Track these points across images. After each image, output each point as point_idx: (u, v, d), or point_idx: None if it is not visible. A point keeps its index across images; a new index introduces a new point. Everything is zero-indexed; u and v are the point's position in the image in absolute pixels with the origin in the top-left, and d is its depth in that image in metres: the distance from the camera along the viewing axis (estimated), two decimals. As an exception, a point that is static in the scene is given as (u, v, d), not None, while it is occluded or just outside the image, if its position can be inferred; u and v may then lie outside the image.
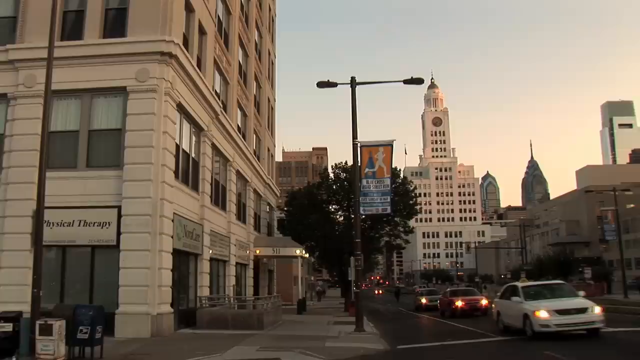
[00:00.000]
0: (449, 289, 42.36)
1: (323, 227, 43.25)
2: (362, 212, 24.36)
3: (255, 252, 38.08)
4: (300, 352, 15.77)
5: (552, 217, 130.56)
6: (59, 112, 20.59)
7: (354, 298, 31.85)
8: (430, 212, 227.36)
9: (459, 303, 32.99)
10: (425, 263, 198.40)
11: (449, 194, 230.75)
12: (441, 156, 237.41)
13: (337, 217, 47.74)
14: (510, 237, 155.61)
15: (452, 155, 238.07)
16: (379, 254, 64.87)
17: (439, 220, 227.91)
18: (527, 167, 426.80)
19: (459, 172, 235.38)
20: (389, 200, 24.02)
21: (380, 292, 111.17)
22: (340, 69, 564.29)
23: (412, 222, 53.45)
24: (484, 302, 33.48)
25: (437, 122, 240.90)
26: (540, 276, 70.28)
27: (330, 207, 47.73)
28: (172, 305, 20.81)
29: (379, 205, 23.90)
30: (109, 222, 19.84)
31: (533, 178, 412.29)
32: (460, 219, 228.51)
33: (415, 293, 40.52)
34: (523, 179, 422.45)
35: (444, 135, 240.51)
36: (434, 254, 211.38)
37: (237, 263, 32.56)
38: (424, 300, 38.80)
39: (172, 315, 20.74)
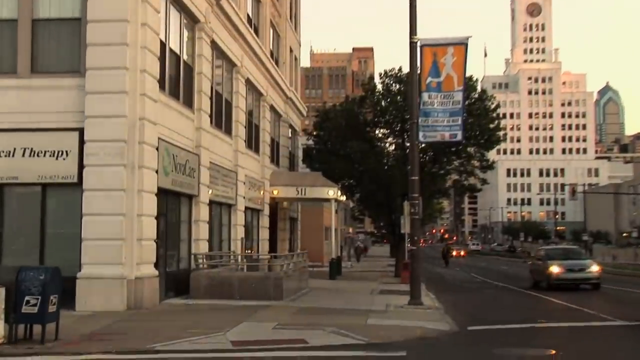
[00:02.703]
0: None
1: (366, 159, 42.85)
2: (421, 139, 23.97)
3: (273, 193, 38.21)
4: (333, 332, 15.80)
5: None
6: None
7: (408, 258, 31.89)
8: (518, 141, 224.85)
9: (556, 269, 32.74)
10: (509, 212, 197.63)
11: (548, 115, 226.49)
12: (538, 60, 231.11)
13: (387, 145, 47.26)
14: (638, 178, 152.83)
15: (553, 60, 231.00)
16: (443, 198, 64.63)
17: (531, 152, 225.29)
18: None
19: (564, 83, 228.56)
20: (459, 122, 23.53)
21: (462, 253, 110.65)
22: None
23: (491, 154, 52.76)
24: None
25: (533, 10, 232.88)
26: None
27: (377, 132, 47.19)
28: (156, 266, 20.98)
29: (445, 129, 23.45)
30: (66, 151, 19.82)
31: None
32: (563, 150, 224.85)
33: (536, 257, 38.32)
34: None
35: (542, 30, 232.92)
36: (522, 200, 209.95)
37: (247, 208, 32.72)
38: (556, 270, 34.69)
39: (157, 279, 20.95)
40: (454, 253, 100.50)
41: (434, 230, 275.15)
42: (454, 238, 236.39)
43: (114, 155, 19.52)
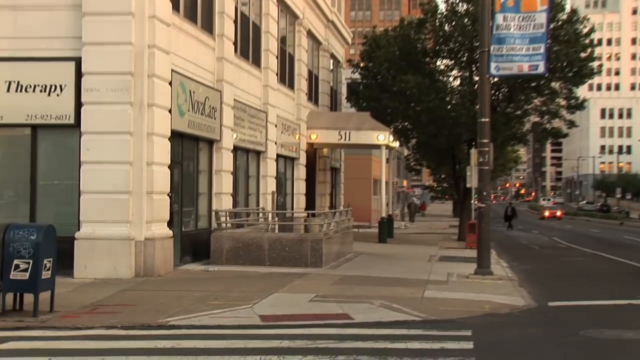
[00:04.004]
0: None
1: (425, 96, 42.52)
2: (493, 71, 23.72)
3: (310, 137, 38.30)
4: (382, 306, 15.93)
5: None
6: None
7: (475, 218, 31.80)
8: (617, 74, 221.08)
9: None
10: (602, 163, 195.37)
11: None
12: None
13: (450, 80, 46.85)
14: None
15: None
16: (520, 144, 63.93)
17: (633, 88, 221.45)
18: None
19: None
20: (542, 50, 23.20)
21: (558, 214, 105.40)
22: None
23: (582, 91, 51.98)
24: None
25: None
26: None
27: (439, 63, 46.76)
28: (169, 225, 21.29)
29: (524, 59, 23.16)
30: (60, 86, 20.02)
31: None
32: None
33: None
34: None
35: None
36: (620, 148, 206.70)
37: (279, 156, 32.90)
38: None
39: (171, 241, 21.26)
40: (547, 214, 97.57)
41: (507, 185, 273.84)
42: (532, 194, 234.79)
43: (118, 91, 19.66)
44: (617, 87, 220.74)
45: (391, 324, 13.98)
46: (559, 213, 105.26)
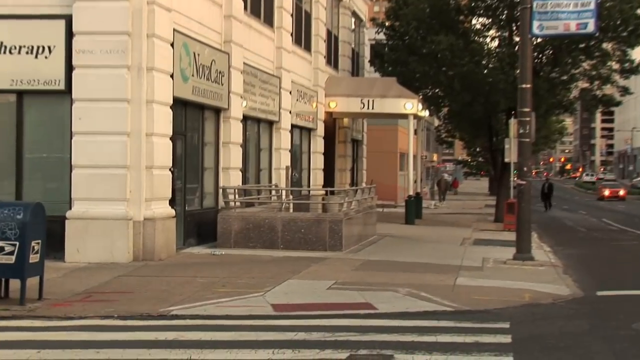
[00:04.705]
0: None
1: (459, 59, 42.32)
2: (536, 31, 23.60)
3: (329, 106, 38.28)
4: (409, 295, 15.99)
5: None
6: None
7: (514, 197, 31.68)
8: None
9: None
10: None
11: None
12: None
13: (487, 41, 46.63)
14: None
15: None
16: (566, 114, 63.57)
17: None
18: None
19: None
20: (592, 7, 23.05)
21: (621, 193, 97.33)
22: None
23: (637, 53, 51.50)
24: None
25: None
26: None
27: (475, 22, 46.56)
28: (172, 203, 21.37)
29: (571, 16, 23.02)
30: (49, 47, 20.02)
31: None
32: None
33: None
34: None
35: None
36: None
37: (294, 126, 32.95)
38: None
39: (173, 221, 21.36)
40: (606, 193, 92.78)
41: (551, 159, 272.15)
42: (579, 169, 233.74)
43: (114, 53, 19.66)
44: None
45: (419, 315, 14.01)
46: (622, 192, 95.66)
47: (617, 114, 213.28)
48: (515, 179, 27.27)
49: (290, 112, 31.98)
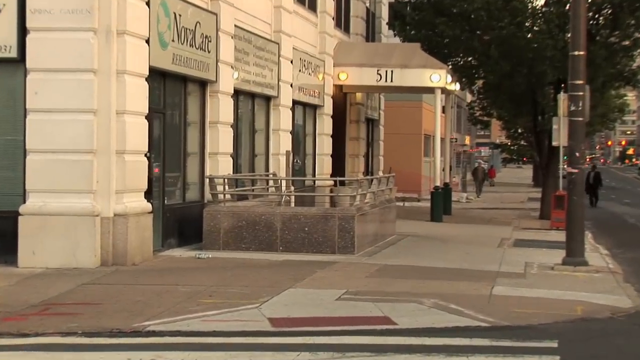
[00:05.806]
0: None
1: (497, 21, 42.29)
2: (590, -12, 23.51)
3: (339, 78, 38.26)
4: (435, 307, 15.99)
5: None
6: None
7: (563, 188, 31.55)
8: None
9: None
10: None
11: None
12: None
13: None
14: None
15: None
16: (628, 87, 63.39)
17: None
18: None
19: None
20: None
21: None
22: None
23: None
24: None
25: None
26: None
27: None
28: (147, 196, 21.33)
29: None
30: (-3, 7, 19.93)
31: None
32: None
33: None
34: None
35: None
36: None
37: (296, 103, 32.94)
38: None
39: (150, 218, 21.38)
40: None
41: (609, 143, 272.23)
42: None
43: (77, 13, 19.63)
44: None
45: (447, 331, 13.98)
46: None
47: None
48: (566, 166, 27.13)
49: (291, 86, 31.95)
